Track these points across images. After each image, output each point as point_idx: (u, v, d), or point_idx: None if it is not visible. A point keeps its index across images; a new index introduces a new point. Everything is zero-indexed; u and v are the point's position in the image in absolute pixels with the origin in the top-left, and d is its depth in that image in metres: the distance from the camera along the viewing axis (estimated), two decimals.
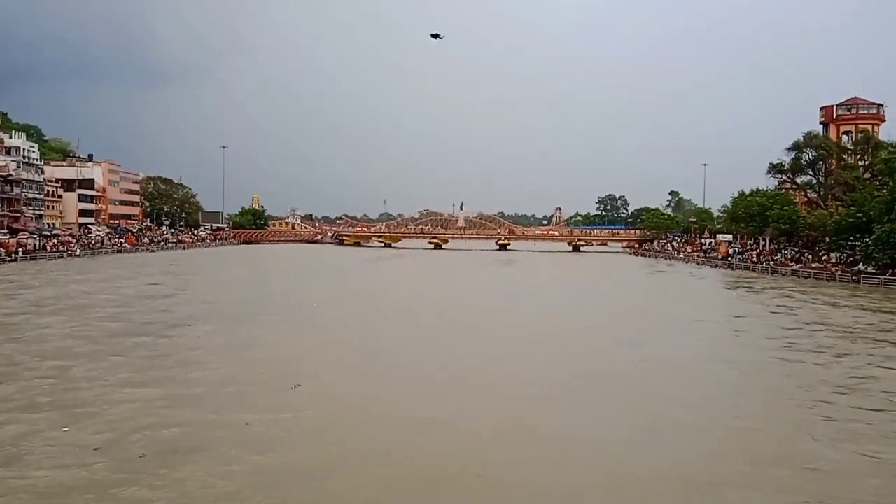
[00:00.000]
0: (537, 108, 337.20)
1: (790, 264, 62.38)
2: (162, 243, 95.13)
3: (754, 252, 71.60)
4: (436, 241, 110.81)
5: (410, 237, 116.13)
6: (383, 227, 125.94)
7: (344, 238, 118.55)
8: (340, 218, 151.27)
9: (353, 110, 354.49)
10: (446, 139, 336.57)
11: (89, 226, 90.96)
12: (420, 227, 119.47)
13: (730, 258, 73.30)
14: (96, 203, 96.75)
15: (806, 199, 74.60)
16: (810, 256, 63.71)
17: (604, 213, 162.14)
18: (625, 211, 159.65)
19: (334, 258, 79.92)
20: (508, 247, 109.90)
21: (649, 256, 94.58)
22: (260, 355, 20.05)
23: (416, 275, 57.81)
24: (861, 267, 54.04)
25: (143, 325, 25.29)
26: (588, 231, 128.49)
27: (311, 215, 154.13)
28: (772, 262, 65.05)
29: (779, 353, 22.03)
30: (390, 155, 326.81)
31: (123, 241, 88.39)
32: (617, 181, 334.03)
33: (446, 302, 36.38)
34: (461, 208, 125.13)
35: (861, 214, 54.78)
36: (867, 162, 67.17)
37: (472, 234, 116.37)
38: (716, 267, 71.29)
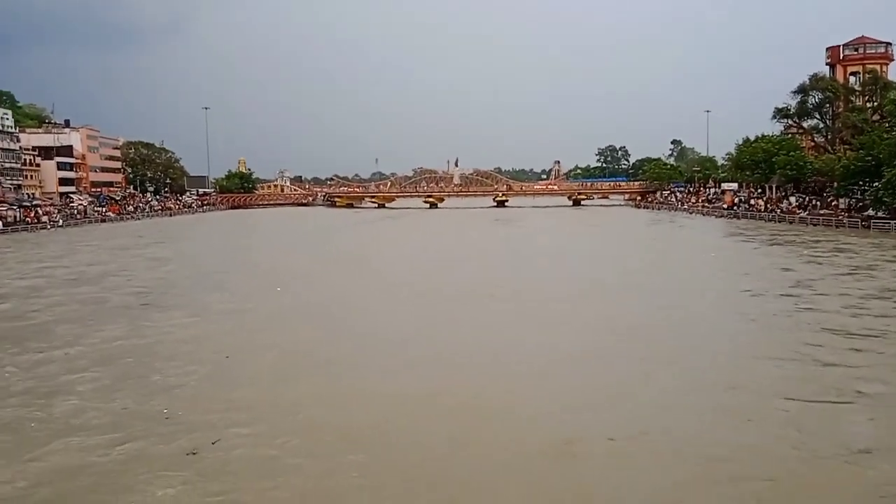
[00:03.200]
0: (532, 57, 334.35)
1: (798, 212, 62.79)
2: (147, 211, 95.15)
3: (761, 200, 71.88)
4: (431, 199, 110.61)
5: (405, 196, 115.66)
6: (375, 187, 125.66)
7: (335, 199, 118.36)
8: (331, 179, 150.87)
9: (341, 62, 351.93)
10: (439, 93, 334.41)
11: (70, 195, 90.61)
12: (414, 185, 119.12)
13: (735, 208, 73.74)
14: (76, 171, 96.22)
15: (813, 143, 74.50)
16: (818, 203, 64.09)
17: (604, 165, 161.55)
18: (626, 162, 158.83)
19: (323, 221, 79.38)
20: (507, 203, 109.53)
21: (652, 209, 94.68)
22: (168, 381, 13.95)
23: (408, 239, 55.32)
24: (871, 212, 54.41)
25: (30, 325, 20.17)
26: (588, 184, 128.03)
27: (301, 177, 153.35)
28: (779, 210, 65.43)
29: None
30: (382, 111, 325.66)
31: (106, 209, 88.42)
32: (617, 132, 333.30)
33: (442, 276, 30.77)
34: (456, 165, 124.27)
35: (870, 158, 54.76)
36: (876, 103, 66.94)
37: (469, 192, 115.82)
38: (721, 217, 71.63)
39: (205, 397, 12.94)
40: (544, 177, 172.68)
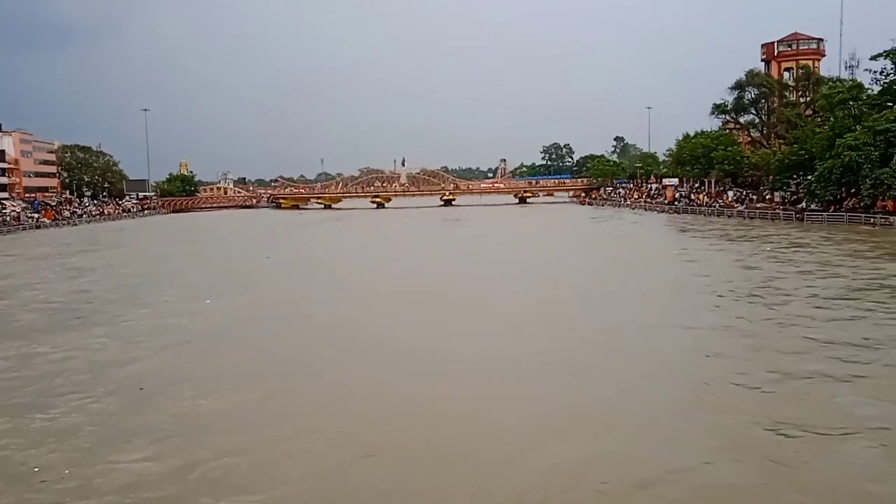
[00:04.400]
0: (480, 57, 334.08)
1: (735, 205, 63.09)
2: (84, 216, 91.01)
3: (703, 195, 72.19)
4: (378, 199, 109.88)
5: (351, 197, 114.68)
6: (321, 188, 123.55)
7: (280, 201, 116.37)
8: (276, 180, 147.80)
9: (286, 59, 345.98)
10: (386, 92, 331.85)
11: (3, 201, 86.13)
12: (361, 185, 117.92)
13: (676, 202, 73.94)
14: (9, 176, 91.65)
15: (749, 138, 75.25)
16: (755, 196, 64.54)
17: (549, 162, 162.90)
18: (570, 159, 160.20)
19: (266, 224, 77.05)
20: (454, 202, 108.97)
21: (597, 205, 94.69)
22: (56, 425, 11.41)
23: (352, 241, 52.46)
24: (804, 205, 54.85)
25: None
26: (534, 182, 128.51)
27: (245, 179, 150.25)
28: (717, 204, 65.69)
29: None
30: (327, 110, 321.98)
31: (41, 215, 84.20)
32: (562, 130, 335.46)
33: (384, 284, 27.02)
34: (403, 164, 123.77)
35: (803, 152, 55.38)
36: (808, 98, 67.88)
37: (416, 192, 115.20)
38: (662, 212, 71.82)
39: (101, 448, 10.21)
40: (490, 175, 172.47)
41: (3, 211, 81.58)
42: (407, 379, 13.90)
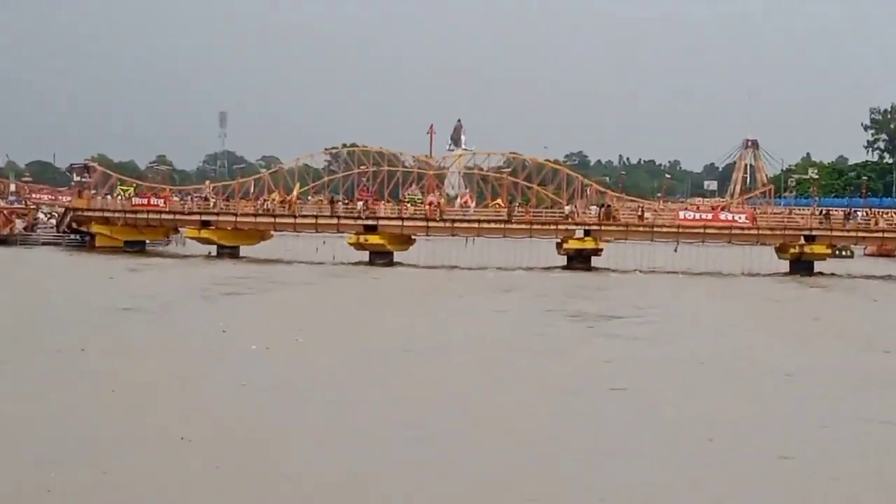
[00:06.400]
0: None
1: None
2: None
3: None
4: (375, 241, 58.64)
5: (300, 223, 64.07)
6: (211, 195, 69.27)
7: (93, 229, 64.34)
8: (85, 167, 78.83)
9: None
10: None
11: None
12: (330, 197, 66.82)
13: None
14: None
15: None
16: None
17: (886, 159, 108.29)
18: None
19: None
20: (595, 259, 60.34)
21: None
22: None
23: None
24: None
25: None
26: (841, 212, 67.68)
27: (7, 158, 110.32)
28: None
29: None
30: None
31: None
32: None
33: None
34: (455, 144, 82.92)
35: None
36: None
37: (491, 222, 62.97)
38: None
39: None
40: (712, 189, 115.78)
41: None
42: None
